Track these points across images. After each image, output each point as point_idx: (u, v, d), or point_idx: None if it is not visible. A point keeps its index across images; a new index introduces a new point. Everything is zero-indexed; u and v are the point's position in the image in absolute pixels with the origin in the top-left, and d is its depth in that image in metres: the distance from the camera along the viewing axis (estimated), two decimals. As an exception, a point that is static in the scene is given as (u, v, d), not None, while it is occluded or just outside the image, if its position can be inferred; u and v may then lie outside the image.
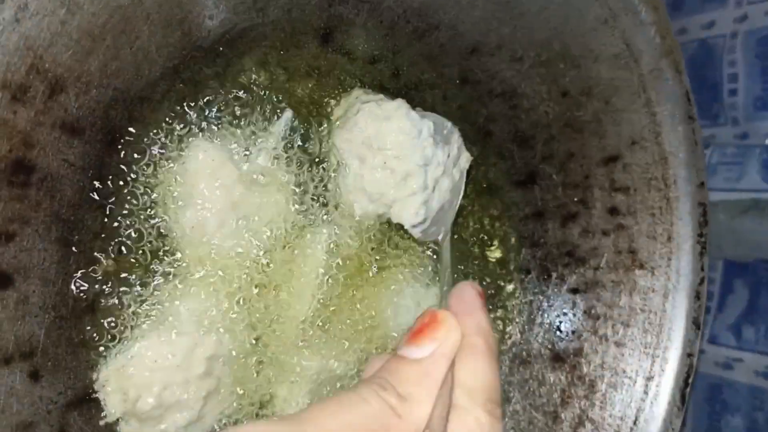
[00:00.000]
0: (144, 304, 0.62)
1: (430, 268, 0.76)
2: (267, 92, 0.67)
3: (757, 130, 0.92)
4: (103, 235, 0.61)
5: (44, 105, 0.52)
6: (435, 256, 0.76)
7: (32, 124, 0.52)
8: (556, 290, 0.83)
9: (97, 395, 0.60)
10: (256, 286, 0.66)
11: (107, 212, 0.61)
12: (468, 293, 0.50)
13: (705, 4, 0.97)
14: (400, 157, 0.66)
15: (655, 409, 0.77)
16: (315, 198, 0.68)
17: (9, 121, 0.50)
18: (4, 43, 0.47)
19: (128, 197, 0.61)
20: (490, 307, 0.82)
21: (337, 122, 0.69)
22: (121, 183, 0.61)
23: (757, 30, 0.92)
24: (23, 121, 0.51)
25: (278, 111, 0.67)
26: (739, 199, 0.93)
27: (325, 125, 0.69)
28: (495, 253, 0.83)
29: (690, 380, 0.78)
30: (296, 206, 0.67)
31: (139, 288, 0.62)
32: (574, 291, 0.82)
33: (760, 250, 0.92)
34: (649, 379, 0.78)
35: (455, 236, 0.79)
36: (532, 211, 0.83)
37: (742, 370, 0.93)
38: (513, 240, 0.84)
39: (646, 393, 0.78)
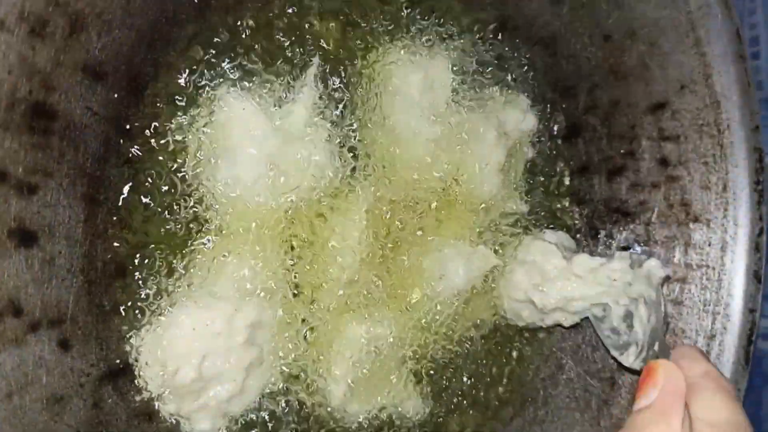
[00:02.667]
0: (178, 268, 0.56)
1: (477, 229, 0.70)
2: (299, 38, 0.61)
3: None
4: (131, 193, 0.55)
5: (64, 43, 0.47)
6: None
7: (52, 64, 0.47)
8: (605, 249, 0.78)
9: (132, 367, 0.55)
10: (293, 247, 0.60)
11: (135, 168, 0.55)
12: (688, 348, 0.55)
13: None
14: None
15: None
16: (356, 156, 0.63)
17: (27, 57, 0.45)
18: (23, -32, 0.42)
19: (156, 152, 0.56)
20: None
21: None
22: (148, 135, 0.56)
23: (780, -12, 0.88)
24: (42, 60, 0.46)
25: (308, 59, 0.62)
26: None
27: (363, 72, 0.64)
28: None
29: (753, 337, 0.73)
30: (335, 160, 0.61)
31: (173, 249, 0.57)
32: (625, 249, 0.77)
33: None
34: (711, 337, 0.73)
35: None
36: (577, 166, 0.78)
37: None
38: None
39: (708, 353, 0.73)
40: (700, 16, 0.70)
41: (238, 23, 0.59)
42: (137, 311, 0.56)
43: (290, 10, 0.62)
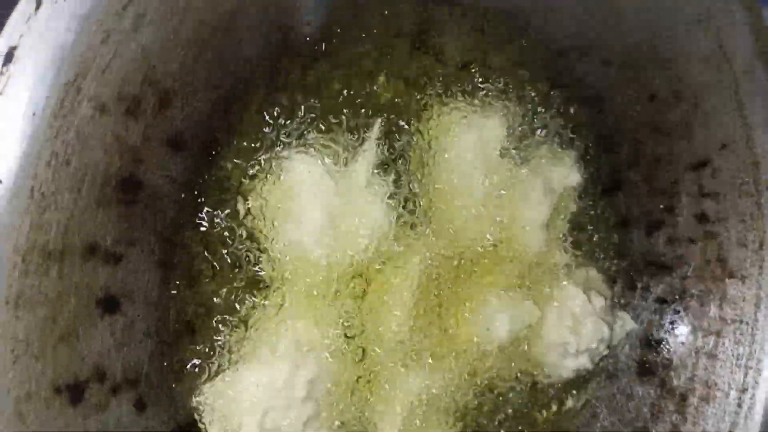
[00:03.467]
0: (244, 328, 0.58)
1: (522, 282, 0.72)
2: (359, 100, 0.63)
3: None
4: (201, 256, 0.57)
5: (154, 119, 0.49)
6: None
7: (142, 139, 0.48)
8: (641, 301, 0.80)
9: (199, 424, 0.56)
10: (353, 306, 0.62)
11: (206, 231, 0.57)
12: None
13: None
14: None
15: (749, 423, 0.74)
16: (411, 212, 0.65)
17: (121, 137, 0.46)
18: (122, 53, 0.44)
19: (226, 214, 0.58)
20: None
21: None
22: (220, 199, 0.58)
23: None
24: (134, 137, 0.48)
25: (369, 119, 0.64)
26: None
27: (420, 132, 0.66)
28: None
29: (785, 391, 0.75)
30: (392, 218, 0.63)
31: (237, 309, 0.58)
32: (661, 301, 0.79)
33: None
34: (743, 391, 0.75)
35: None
36: (617, 220, 0.80)
37: None
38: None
39: (739, 406, 0.75)
40: (745, 79, 0.72)
41: (305, 90, 0.61)
42: (204, 370, 0.57)
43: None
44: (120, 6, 0.42)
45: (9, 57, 0.38)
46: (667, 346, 0.78)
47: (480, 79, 0.71)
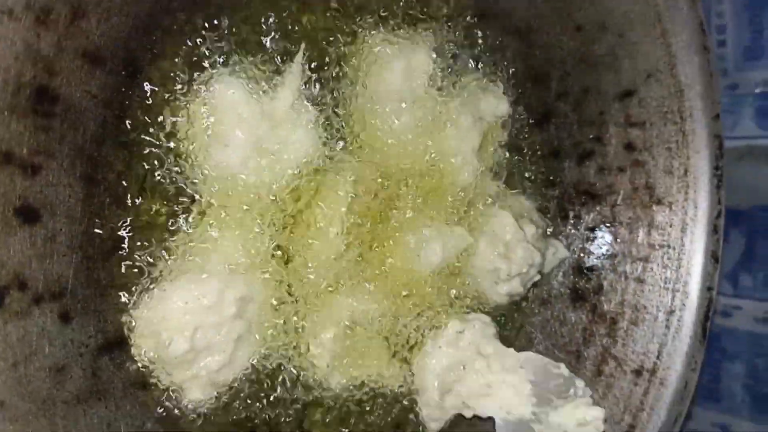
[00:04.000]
0: (171, 245, 0.59)
1: (454, 209, 0.74)
2: (286, 25, 0.64)
3: (747, 79, 0.92)
4: (126, 174, 0.58)
5: (66, 30, 0.50)
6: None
7: (55, 50, 0.49)
8: (573, 230, 0.82)
9: (128, 339, 0.58)
10: (282, 227, 0.64)
11: (130, 150, 0.58)
12: None
13: None
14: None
15: (677, 344, 0.77)
16: (339, 138, 0.66)
17: (33, 44, 0.47)
18: (28, -42, 0.44)
19: (151, 134, 0.59)
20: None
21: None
22: (144, 119, 0.58)
23: (745, -21, 0.90)
24: (46, 46, 0.48)
25: (295, 45, 0.65)
26: (734, 146, 0.93)
27: (346, 57, 0.67)
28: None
29: (710, 313, 0.78)
30: (318, 144, 0.64)
31: (166, 227, 0.59)
32: (592, 229, 0.81)
33: (756, 197, 0.92)
34: (670, 313, 0.77)
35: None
36: (548, 150, 0.82)
37: (741, 318, 0.94)
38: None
39: (667, 328, 0.77)
40: (667, 8, 0.74)
41: (231, 13, 0.61)
42: (132, 286, 0.58)
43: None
44: None
45: None
46: (598, 273, 0.80)
47: (408, 8, 0.72)
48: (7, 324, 0.48)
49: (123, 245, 0.58)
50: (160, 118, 0.60)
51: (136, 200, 0.58)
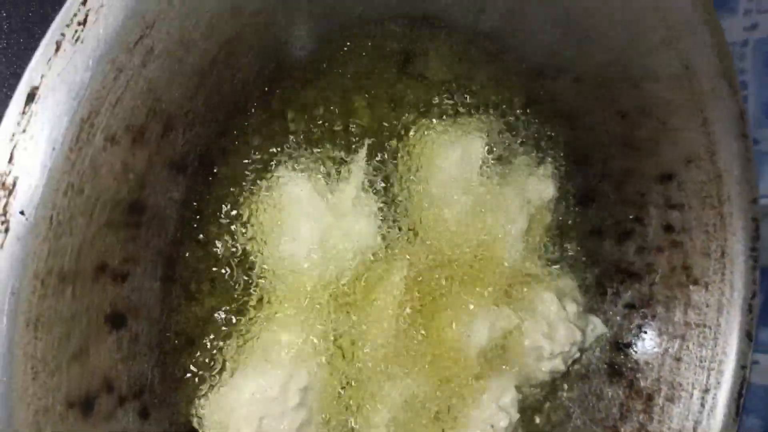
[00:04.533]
0: (240, 339, 0.62)
1: (499, 289, 0.76)
2: (348, 120, 0.66)
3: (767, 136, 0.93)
4: (200, 271, 0.60)
5: (157, 146, 0.52)
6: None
7: (147, 165, 0.51)
8: (612, 306, 0.85)
9: (199, 430, 0.60)
10: (342, 316, 0.66)
11: (205, 247, 0.60)
12: None
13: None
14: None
15: (711, 421, 0.79)
16: (396, 226, 0.68)
17: (129, 164, 0.49)
18: (132, 87, 0.47)
19: (223, 232, 0.61)
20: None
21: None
22: (217, 217, 0.61)
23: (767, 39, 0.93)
24: (140, 163, 0.50)
25: (358, 139, 0.67)
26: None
27: (404, 150, 0.69)
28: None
29: (744, 391, 0.80)
30: (378, 234, 0.67)
31: (233, 321, 0.62)
32: (630, 307, 0.83)
33: None
34: (705, 391, 0.80)
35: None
36: (590, 230, 0.84)
37: (758, 373, 0.93)
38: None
39: (702, 405, 0.80)
40: (709, 98, 0.76)
41: (296, 112, 0.64)
42: (203, 378, 0.60)
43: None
44: (132, 43, 0.45)
45: (31, 97, 0.41)
46: (635, 349, 0.83)
47: (461, 99, 0.74)
48: (96, 429, 0.50)
49: (196, 339, 0.60)
50: (233, 213, 0.62)
51: (208, 296, 0.60)
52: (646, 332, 0.83)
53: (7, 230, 0.41)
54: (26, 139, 0.41)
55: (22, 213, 0.41)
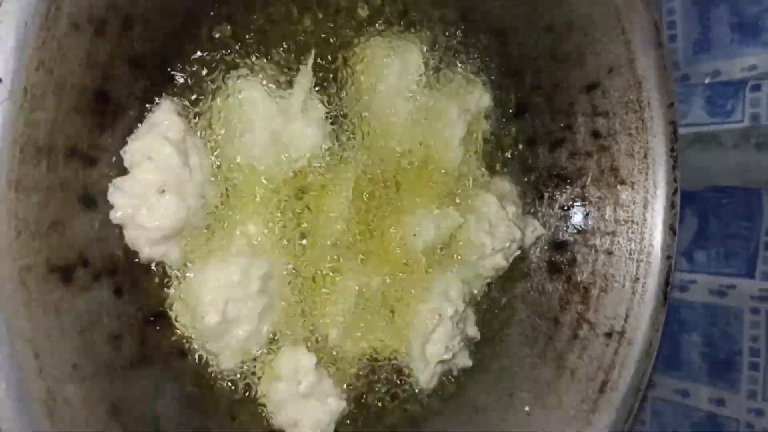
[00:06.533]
0: (202, 230, 0.67)
1: (443, 192, 0.83)
2: (296, 30, 0.72)
3: (697, 71, 1.00)
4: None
5: (118, 40, 0.57)
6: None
7: (108, 58, 0.56)
8: (548, 209, 0.91)
9: (169, 313, 0.65)
10: (296, 212, 0.72)
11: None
12: None
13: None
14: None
15: (642, 308, 0.85)
16: (344, 132, 0.74)
17: (92, 54, 0.54)
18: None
19: (181, 128, 0.66)
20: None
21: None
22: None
23: (693, -22, 0.98)
24: (102, 55, 0.56)
25: (305, 48, 0.73)
26: (686, 133, 1.01)
27: (349, 59, 0.75)
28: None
29: (670, 279, 0.87)
30: (326, 135, 0.73)
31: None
32: (565, 208, 0.90)
33: (706, 179, 1.00)
34: (636, 281, 0.86)
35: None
36: (525, 138, 0.91)
37: (697, 291, 1.01)
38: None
39: (633, 294, 0.86)
40: (625, 10, 0.83)
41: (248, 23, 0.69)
42: (171, 266, 0.66)
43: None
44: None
45: (3, -25, 0.46)
46: (571, 247, 0.90)
47: (399, 14, 0.80)
48: (75, 297, 0.55)
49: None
50: (188, 116, 0.67)
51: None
52: (580, 231, 0.89)
53: (-13, 93, 0.46)
54: (2, 13, 0.46)
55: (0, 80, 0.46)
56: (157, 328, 0.65)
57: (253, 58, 0.70)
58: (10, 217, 0.48)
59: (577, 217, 0.90)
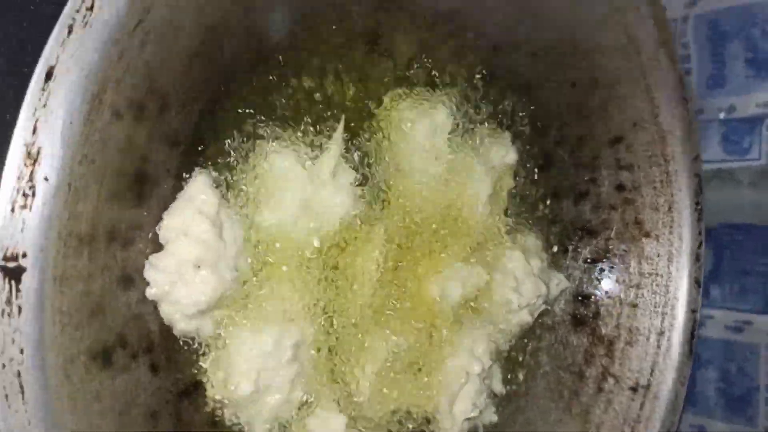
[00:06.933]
0: (237, 301, 0.67)
1: (469, 249, 0.83)
2: (324, 97, 0.72)
3: (711, 106, 0.99)
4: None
5: (155, 121, 0.57)
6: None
7: (147, 139, 0.57)
8: (572, 261, 0.92)
9: (203, 384, 0.65)
10: (327, 278, 0.72)
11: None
12: None
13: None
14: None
15: (667, 361, 0.86)
16: (373, 194, 0.74)
17: (132, 137, 0.55)
18: (133, 68, 0.52)
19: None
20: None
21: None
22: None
23: (706, 14, 0.98)
24: (141, 137, 0.56)
25: (335, 114, 0.73)
26: (704, 170, 1.01)
27: (377, 124, 0.76)
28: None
29: (695, 332, 0.87)
30: (357, 201, 0.73)
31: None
32: (589, 261, 0.90)
33: (722, 216, 0.99)
34: (660, 334, 0.86)
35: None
36: (549, 192, 0.91)
37: (713, 327, 1.00)
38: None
39: (658, 347, 0.86)
40: (650, 66, 0.83)
41: (277, 91, 0.70)
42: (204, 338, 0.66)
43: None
44: (132, 26, 0.50)
45: (49, 75, 0.46)
46: (595, 300, 0.90)
47: (426, 74, 0.81)
48: (114, 379, 0.56)
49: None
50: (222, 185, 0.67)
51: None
52: (604, 283, 0.90)
53: (34, 194, 0.47)
54: (47, 114, 0.47)
55: (46, 179, 0.47)
56: (191, 400, 0.65)
57: (283, 127, 0.70)
58: (54, 312, 0.48)
59: (601, 270, 0.90)
